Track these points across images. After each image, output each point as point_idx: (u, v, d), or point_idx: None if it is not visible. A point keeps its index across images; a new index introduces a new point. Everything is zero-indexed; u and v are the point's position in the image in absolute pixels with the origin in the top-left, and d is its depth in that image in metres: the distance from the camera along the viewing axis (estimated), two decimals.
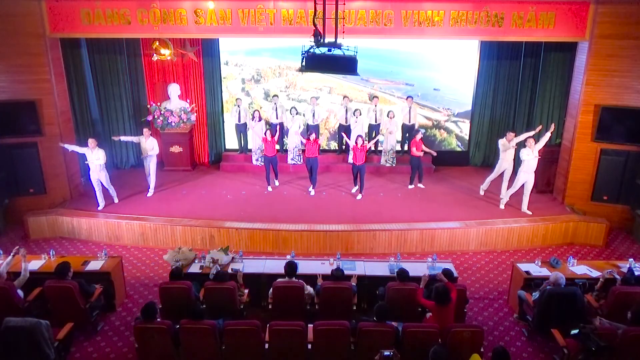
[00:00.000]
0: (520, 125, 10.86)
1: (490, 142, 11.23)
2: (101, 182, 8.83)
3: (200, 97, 11.19)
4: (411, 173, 10.00)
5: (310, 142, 9.41)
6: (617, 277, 6.13)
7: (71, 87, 9.73)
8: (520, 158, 8.58)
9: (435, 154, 10.24)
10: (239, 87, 11.47)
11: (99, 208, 8.90)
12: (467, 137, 11.52)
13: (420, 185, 9.91)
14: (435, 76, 11.35)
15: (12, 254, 6.20)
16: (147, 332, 5.14)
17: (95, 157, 8.60)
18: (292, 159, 10.90)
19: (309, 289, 6.01)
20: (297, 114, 10.67)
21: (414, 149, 9.66)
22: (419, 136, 9.56)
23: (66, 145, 8.75)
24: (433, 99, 11.43)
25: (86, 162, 8.74)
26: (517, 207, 8.95)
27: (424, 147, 9.68)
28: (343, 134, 10.38)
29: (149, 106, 10.90)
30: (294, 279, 5.95)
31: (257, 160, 10.87)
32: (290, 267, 5.96)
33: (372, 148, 10.73)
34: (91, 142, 8.63)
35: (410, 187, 10.07)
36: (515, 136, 8.82)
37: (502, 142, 9.01)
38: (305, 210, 9.02)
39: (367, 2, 8.47)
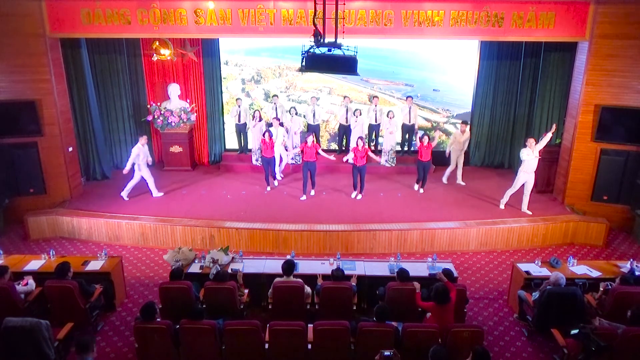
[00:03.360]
0: (520, 126, 10.86)
1: (489, 142, 11.23)
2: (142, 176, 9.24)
3: (200, 97, 11.19)
4: (417, 175, 9.94)
5: (308, 146, 9.22)
6: None
7: (71, 87, 9.72)
8: (520, 158, 8.58)
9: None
10: (239, 88, 11.48)
11: (155, 196, 9.39)
12: None
13: (420, 190, 9.87)
14: (435, 77, 11.35)
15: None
16: (147, 332, 5.14)
17: (144, 153, 9.10)
18: (291, 159, 10.90)
19: (307, 289, 6.01)
20: (296, 114, 10.66)
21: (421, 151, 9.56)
22: (425, 140, 9.47)
23: (128, 166, 9.04)
24: (432, 100, 11.43)
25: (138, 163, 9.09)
26: (517, 207, 8.95)
27: (433, 144, 9.56)
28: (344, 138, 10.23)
29: (149, 106, 10.91)
30: (292, 277, 5.95)
31: (256, 160, 10.86)
32: (288, 265, 5.95)
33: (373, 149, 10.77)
34: (143, 138, 9.11)
35: (415, 187, 10.06)
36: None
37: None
38: (305, 210, 9.01)
39: (367, 2, 8.47)
